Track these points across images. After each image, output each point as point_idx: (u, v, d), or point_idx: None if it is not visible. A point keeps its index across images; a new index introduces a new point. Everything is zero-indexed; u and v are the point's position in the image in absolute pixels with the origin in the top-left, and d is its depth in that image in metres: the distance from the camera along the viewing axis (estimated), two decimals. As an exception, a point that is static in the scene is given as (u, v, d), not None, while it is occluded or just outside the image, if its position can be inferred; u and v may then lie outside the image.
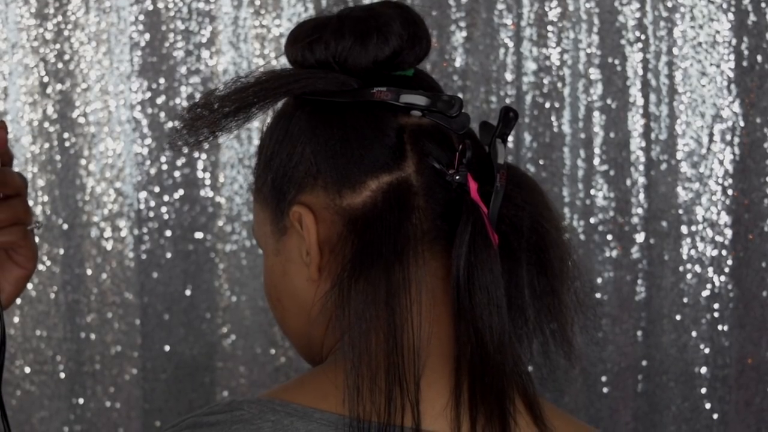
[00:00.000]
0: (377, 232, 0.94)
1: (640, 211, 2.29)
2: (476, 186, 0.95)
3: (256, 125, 2.17)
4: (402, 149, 0.96)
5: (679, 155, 2.28)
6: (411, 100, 0.97)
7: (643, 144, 2.29)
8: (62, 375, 2.26)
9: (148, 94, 2.27)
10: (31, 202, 2.23)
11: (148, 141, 2.26)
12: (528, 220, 0.97)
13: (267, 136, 1.03)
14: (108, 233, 2.27)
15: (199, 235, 2.27)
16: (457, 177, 0.95)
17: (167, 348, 2.28)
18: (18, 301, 2.25)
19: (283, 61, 1.05)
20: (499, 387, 0.93)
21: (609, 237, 2.29)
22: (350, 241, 0.95)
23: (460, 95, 2.28)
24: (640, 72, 2.28)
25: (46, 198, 2.25)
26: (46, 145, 2.25)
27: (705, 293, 2.28)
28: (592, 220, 2.29)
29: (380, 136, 0.96)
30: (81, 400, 2.27)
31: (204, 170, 2.27)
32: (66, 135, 2.26)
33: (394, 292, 0.92)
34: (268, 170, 1.01)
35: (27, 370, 2.26)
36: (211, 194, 2.27)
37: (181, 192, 2.27)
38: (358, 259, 0.93)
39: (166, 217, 2.27)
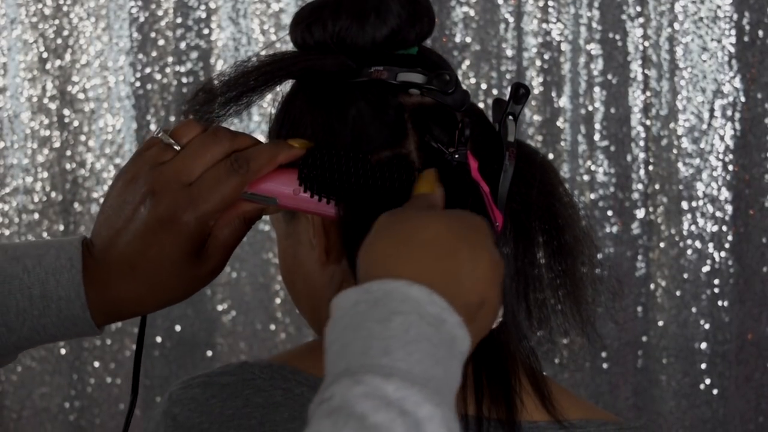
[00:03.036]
0: (377, 203, 0.92)
1: (640, 186, 2.29)
2: (477, 164, 0.93)
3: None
4: (403, 128, 0.95)
5: (680, 131, 2.28)
6: (407, 78, 0.96)
7: (644, 119, 2.28)
8: (63, 351, 2.27)
9: (147, 70, 2.26)
10: (30, 179, 2.23)
11: (148, 117, 2.25)
12: (539, 198, 0.96)
13: (274, 122, 1.03)
14: (108, 209, 2.26)
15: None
16: (457, 156, 0.93)
17: (167, 324, 2.28)
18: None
19: (285, 38, 1.05)
20: (504, 367, 0.92)
21: (609, 213, 2.29)
22: (353, 220, 0.94)
23: (461, 71, 2.27)
24: (641, 47, 2.28)
25: (45, 174, 2.25)
26: (46, 121, 2.25)
27: (705, 269, 2.28)
28: (592, 196, 2.29)
29: (380, 116, 0.95)
30: (82, 376, 2.27)
31: (204, 146, 2.27)
32: (65, 111, 2.25)
33: None
34: None
35: (28, 346, 2.26)
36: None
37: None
38: (357, 237, 0.92)
39: (166, 193, 2.27)
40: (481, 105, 2.28)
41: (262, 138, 0.98)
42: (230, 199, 0.94)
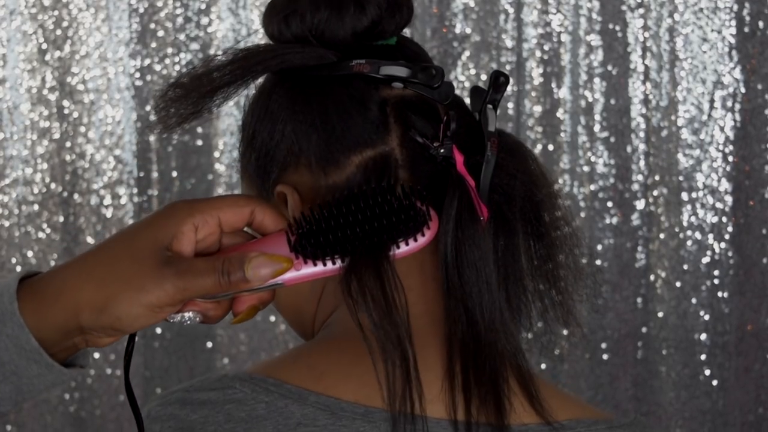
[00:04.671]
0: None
1: (640, 177, 2.28)
2: (463, 158, 0.92)
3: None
4: (385, 123, 0.93)
5: (680, 122, 2.28)
6: (391, 71, 0.93)
7: (644, 110, 2.28)
8: (63, 342, 2.27)
9: (147, 61, 2.26)
10: (30, 170, 2.22)
11: (148, 108, 2.25)
12: (521, 189, 0.94)
13: (248, 114, 1.00)
14: (108, 201, 2.26)
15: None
16: (442, 150, 0.92)
17: (167, 315, 2.28)
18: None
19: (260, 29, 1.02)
20: (492, 367, 0.90)
21: (609, 204, 2.29)
22: None
23: (460, 61, 2.27)
24: (641, 38, 2.27)
25: (45, 166, 2.25)
26: (45, 113, 2.25)
27: (705, 260, 2.28)
28: (592, 187, 2.28)
29: (362, 111, 0.93)
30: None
31: (203, 138, 2.27)
32: (65, 102, 2.25)
33: (382, 270, 0.89)
34: (251, 149, 0.99)
35: (28, 337, 2.26)
36: (210, 162, 2.27)
37: (180, 160, 2.27)
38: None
39: (165, 184, 2.27)
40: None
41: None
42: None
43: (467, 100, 0.99)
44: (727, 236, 2.28)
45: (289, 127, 0.95)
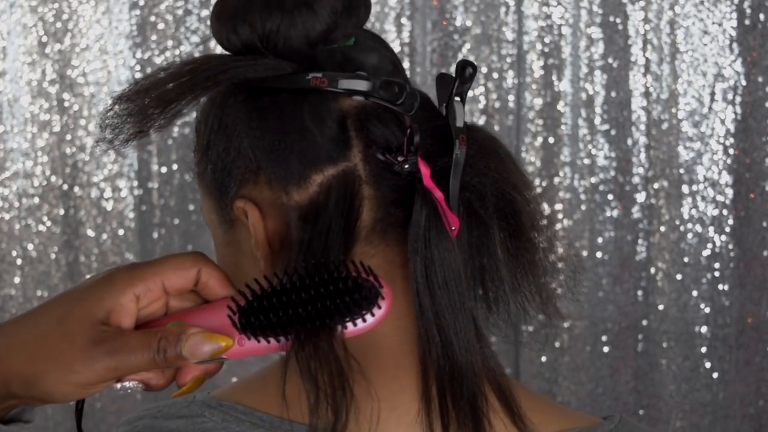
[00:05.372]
0: (325, 226, 0.87)
1: (641, 170, 2.28)
2: (429, 171, 0.87)
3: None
4: (346, 138, 0.88)
5: (681, 114, 2.27)
6: (350, 86, 0.88)
7: (645, 103, 2.28)
8: (63, 335, 2.27)
9: (147, 54, 2.25)
10: (30, 163, 2.22)
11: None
12: (492, 187, 0.89)
13: (201, 122, 0.95)
14: (108, 194, 2.26)
15: (199, 195, 2.26)
16: (407, 166, 0.87)
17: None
18: (19, 262, 2.25)
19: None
20: (470, 389, 0.87)
21: (610, 197, 2.29)
22: (299, 238, 0.87)
23: (461, 54, 2.27)
24: (642, 31, 2.27)
25: (45, 158, 2.25)
26: (46, 105, 2.25)
27: (706, 253, 2.28)
28: (593, 180, 2.28)
29: (321, 127, 0.88)
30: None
31: (204, 130, 2.27)
32: (65, 95, 2.25)
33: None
34: (207, 159, 0.94)
35: (28, 330, 2.26)
36: (211, 154, 2.27)
37: (180, 152, 2.27)
38: (305, 254, 0.86)
39: (166, 177, 2.27)
40: (480, 89, 2.28)
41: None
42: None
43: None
44: (727, 229, 2.28)
45: (246, 143, 0.90)
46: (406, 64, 2.25)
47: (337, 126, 0.89)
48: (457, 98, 0.90)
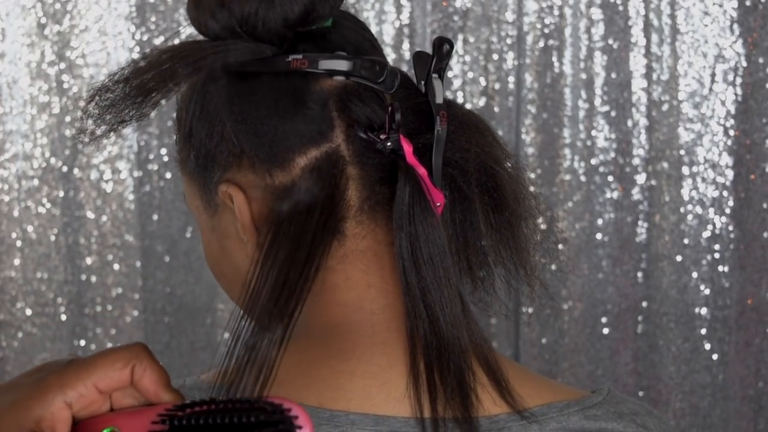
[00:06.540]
0: (310, 208, 0.88)
1: (641, 152, 2.28)
2: (411, 148, 0.88)
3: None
4: (328, 119, 0.89)
5: (681, 96, 2.27)
6: (331, 66, 0.89)
7: (645, 84, 2.27)
8: (63, 317, 2.27)
9: (147, 36, 2.25)
10: (30, 145, 2.22)
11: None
12: (475, 162, 0.90)
13: (182, 109, 0.95)
14: (108, 175, 2.26)
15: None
16: (389, 144, 0.88)
17: (168, 290, 2.29)
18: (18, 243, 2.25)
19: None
20: (457, 364, 0.87)
21: (610, 178, 2.29)
22: (285, 220, 0.88)
23: (461, 35, 2.26)
24: (642, 12, 2.26)
25: (45, 140, 2.25)
26: (45, 87, 2.24)
27: (706, 234, 2.28)
28: (593, 161, 2.28)
29: (303, 109, 0.89)
30: (82, 342, 2.28)
31: (203, 112, 2.26)
32: (65, 77, 2.24)
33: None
34: (190, 146, 0.94)
35: (28, 312, 2.26)
36: (210, 136, 2.27)
37: (180, 134, 2.27)
38: (290, 237, 0.87)
39: (165, 159, 2.27)
40: (479, 70, 2.27)
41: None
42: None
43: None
44: (727, 210, 2.27)
45: (228, 127, 0.91)
46: (405, 46, 2.25)
47: (319, 107, 0.89)
48: (435, 75, 0.91)
